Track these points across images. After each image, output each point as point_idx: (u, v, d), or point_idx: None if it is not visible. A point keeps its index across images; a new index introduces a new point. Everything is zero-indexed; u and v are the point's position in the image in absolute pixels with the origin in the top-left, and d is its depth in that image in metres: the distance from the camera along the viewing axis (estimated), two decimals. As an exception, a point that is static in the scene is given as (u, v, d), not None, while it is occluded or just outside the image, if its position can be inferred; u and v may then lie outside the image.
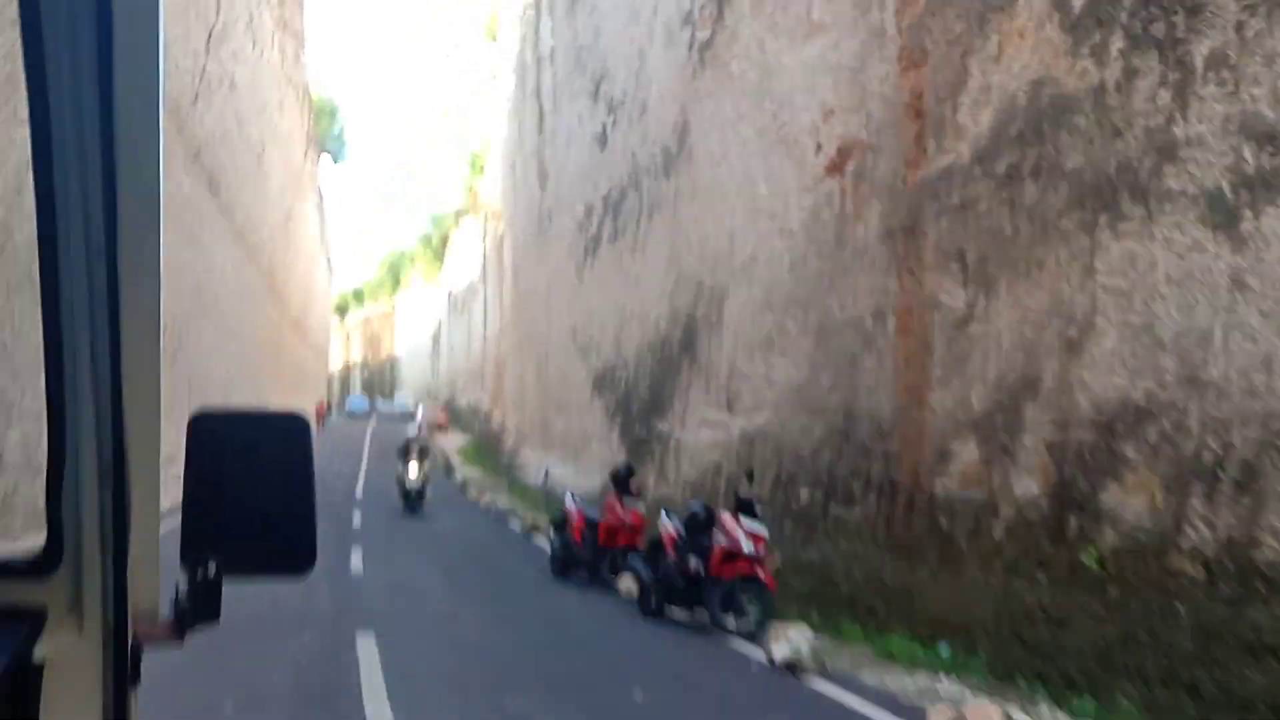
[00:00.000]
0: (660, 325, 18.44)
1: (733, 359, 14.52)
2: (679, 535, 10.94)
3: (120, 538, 1.26)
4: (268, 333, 37.50)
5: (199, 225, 22.82)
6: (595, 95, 24.02)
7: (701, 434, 15.63)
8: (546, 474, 29.40)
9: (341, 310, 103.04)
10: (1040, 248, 8.62)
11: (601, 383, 22.52)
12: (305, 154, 44.10)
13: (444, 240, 74.09)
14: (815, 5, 12.28)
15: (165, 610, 1.34)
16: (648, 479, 18.24)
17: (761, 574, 9.99)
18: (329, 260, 68.23)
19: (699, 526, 10.75)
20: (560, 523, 14.19)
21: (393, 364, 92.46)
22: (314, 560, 1.44)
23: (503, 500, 26.11)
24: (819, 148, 12.30)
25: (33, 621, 1.22)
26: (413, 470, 21.99)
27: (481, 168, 59.93)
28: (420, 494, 22.05)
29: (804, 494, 11.98)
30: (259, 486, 1.39)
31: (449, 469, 35.01)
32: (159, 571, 1.33)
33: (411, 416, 69.63)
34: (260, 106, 31.43)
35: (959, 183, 9.67)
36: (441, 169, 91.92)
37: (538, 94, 31.15)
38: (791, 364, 12.70)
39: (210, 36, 22.61)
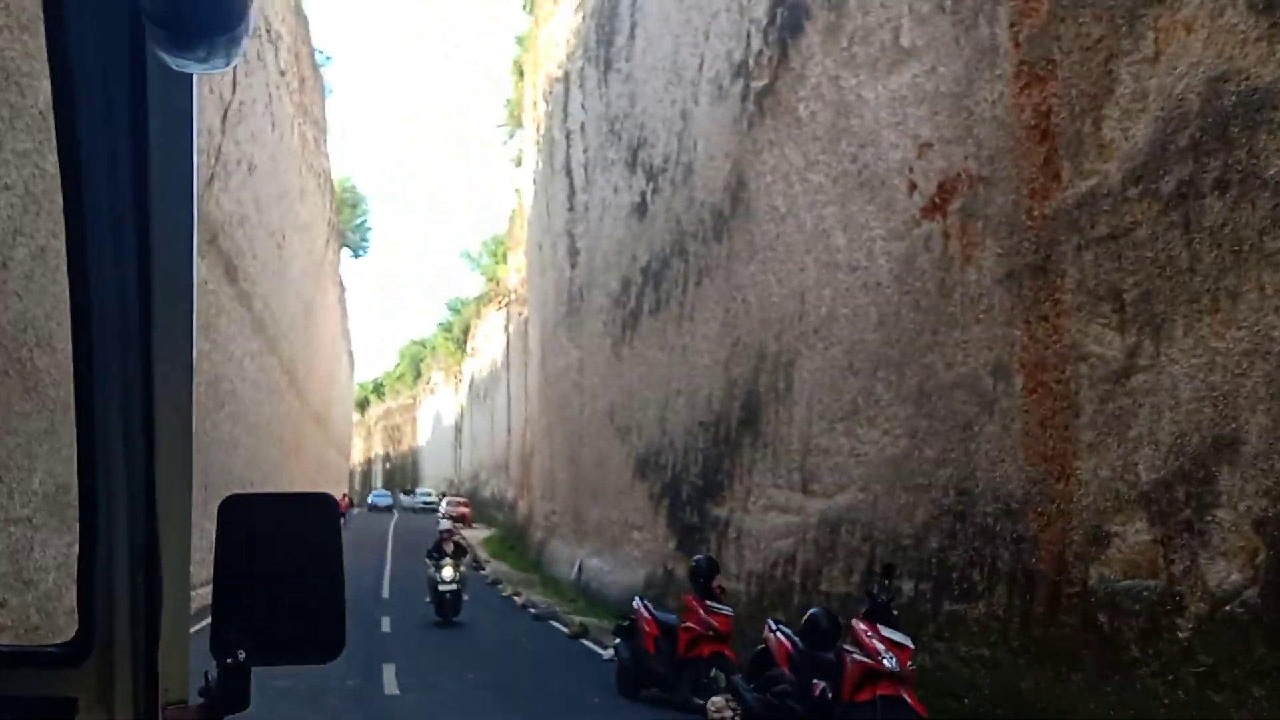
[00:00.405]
0: (714, 400, 16.74)
1: (806, 433, 12.78)
2: (794, 648, 9.01)
3: (151, 626, 1.27)
4: (288, 427, 35.98)
5: (215, 313, 21.45)
6: (632, 164, 22.74)
7: (768, 519, 13.81)
8: (580, 567, 27.50)
9: (362, 405, 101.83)
10: (1233, 276, 6.94)
11: (645, 466, 20.75)
12: (327, 242, 43.13)
13: (465, 329, 73.02)
14: (904, 30, 10.82)
15: (194, 698, 1.34)
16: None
17: (908, 696, 7.99)
18: (350, 354, 67.07)
19: (821, 637, 8.84)
20: (627, 629, 12.03)
21: (414, 456, 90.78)
22: (343, 646, 1.40)
23: (540, 598, 24.10)
24: (913, 187, 10.74)
25: (63, 711, 1.22)
26: (447, 572, 18.78)
27: (503, 254, 59.03)
28: (457, 599, 18.78)
29: (906, 587, 10.12)
30: (288, 570, 1.38)
31: (477, 563, 33.05)
32: (189, 659, 1.36)
33: (434, 509, 67.78)
34: (280, 192, 30.38)
35: (1107, 209, 8.04)
36: (461, 258, 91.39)
37: (567, 170, 30.00)
38: (884, 434, 10.95)
39: (225, 115, 21.52)
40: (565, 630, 18.43)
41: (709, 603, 10.70)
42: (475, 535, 45.70)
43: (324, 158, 40.46)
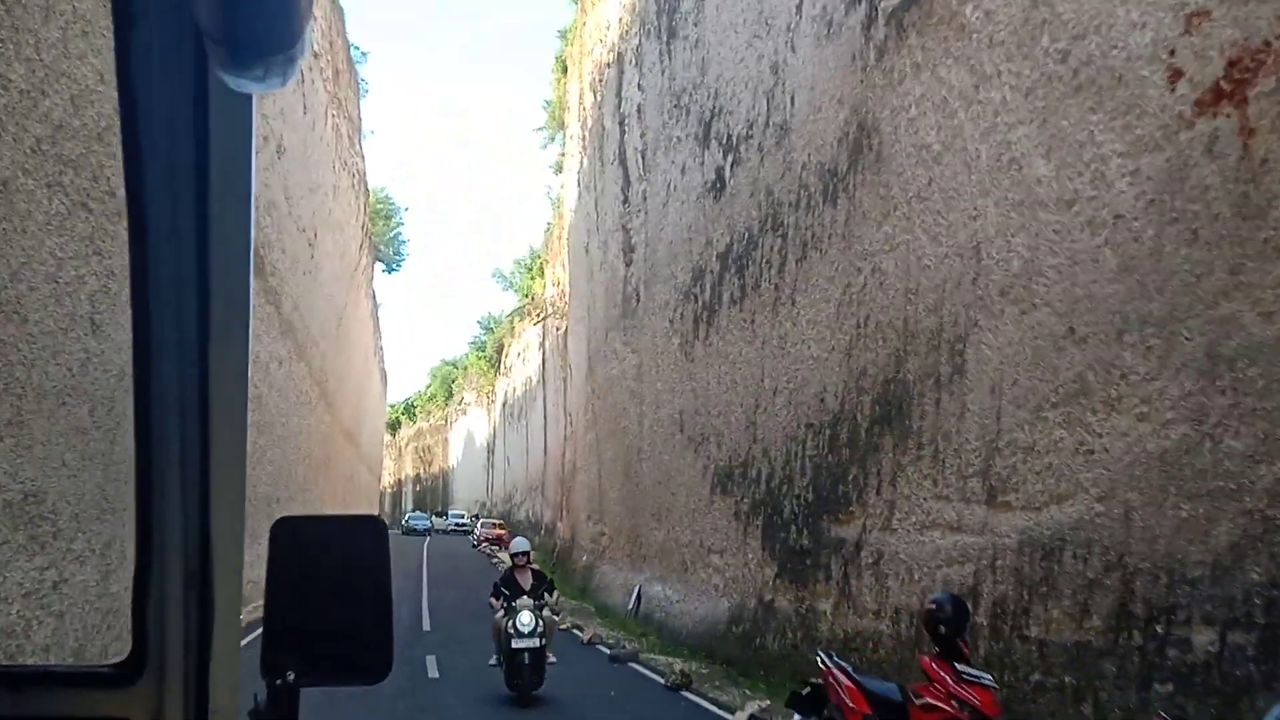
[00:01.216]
0: (829, 396, 13.54)
1: (991, 427, 9.56)
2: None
3: (203, 647, 1.26)
4: (317, 441, 32.99)
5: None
6: (704, 139, 19.68)
7: (927, 540, 10.57)
8: (638, 596, 24.26)
9: (393, 427, 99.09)
10: None
11: (727, 480, 17.56)
12: (361, 248, 40.27)
13: (498, 348, 70.15)
14: None
15: (243, 718, 1.33)
16: (818, 604, 13.12)
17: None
18: (383, 371, 64.23)
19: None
20: (810, 698, 8.04)
21: (445, 478, 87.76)
22: (389, 668, 1.40)
23: (603, 630, 20.81)
24: (1176, 77, 7.57)
25: None
26: (525, 618, 12.23)
27: (539, 268, 56.15)
28: (539, 662, 12.31)
29: (1202, 638, 6.88)
30: (338, 591, 1.38)
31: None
32: (239, 679, 1.32)
33: (467, 531, 64.61)
34: (313, 185, 27.53)
35: None
36: (493, 278, 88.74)
37: (620, 159, 27.00)
38: (1140, 421, 7.72)
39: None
40: (659, 679, 14.91)
41: (960, 667, 6.81)
42: (514, 559, 42.49)
43: (359, 158, 37.65)
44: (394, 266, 54.25)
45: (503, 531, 49.79)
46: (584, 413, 34.43)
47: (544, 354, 54.75)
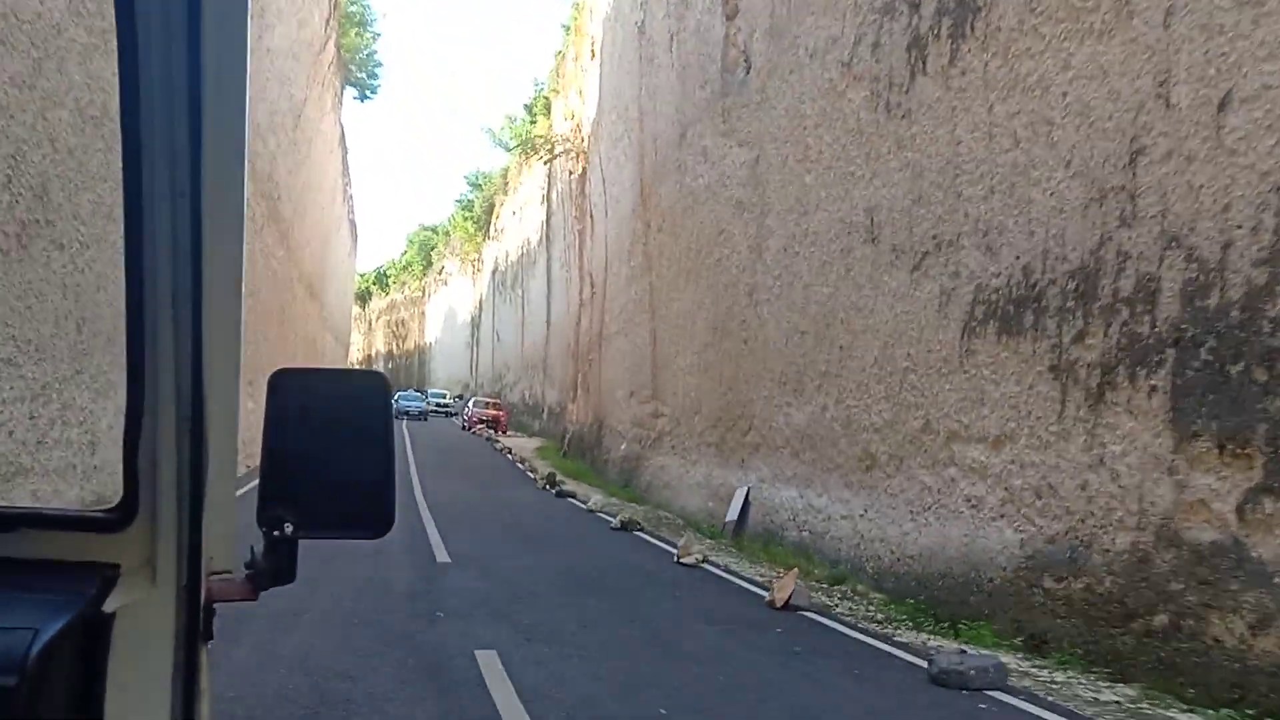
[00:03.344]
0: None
1: None
2: None
3: (196, 494, 1.24)
4: (266, 279, 24.45)
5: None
6: None
7: None
8: (745, 501, 16.40)
9: (363, 298, 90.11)
10: None
11: (1021, 311, 9.35)
12: (327, 27, 30.93)
13: (488, 208, 61.12)
14: None
15: (240, 568, 1.30)
16: None
17: None
18: (352, 224, 55.08)
19: None
20: None
21: (421, 355, 79.36)
22: (392, 523, 1.36)
23: (725, 560, 12.94)
24: None
25: (106, 575, 1.19)
26: None
27: (545, 106, 46.93)
28: None
29: None
30: (337, 445, 1.34)
31: (554, 483, 21.80)
32: (234, 529, 1.31)
33: (451, 413, 56.59)
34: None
35: None
36: (482, 134, 78.81)
37: None
38: None
39: None
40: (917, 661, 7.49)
41: None
42: (520, 445, 34.48)
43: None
44: (367, 93, 44.77)
45: (499, 413, 41.83)
46: (626, 261, 26.04)
47: (548, 208, 45.99)
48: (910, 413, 11.11)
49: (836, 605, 10.07)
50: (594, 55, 33.21)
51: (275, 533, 1.30)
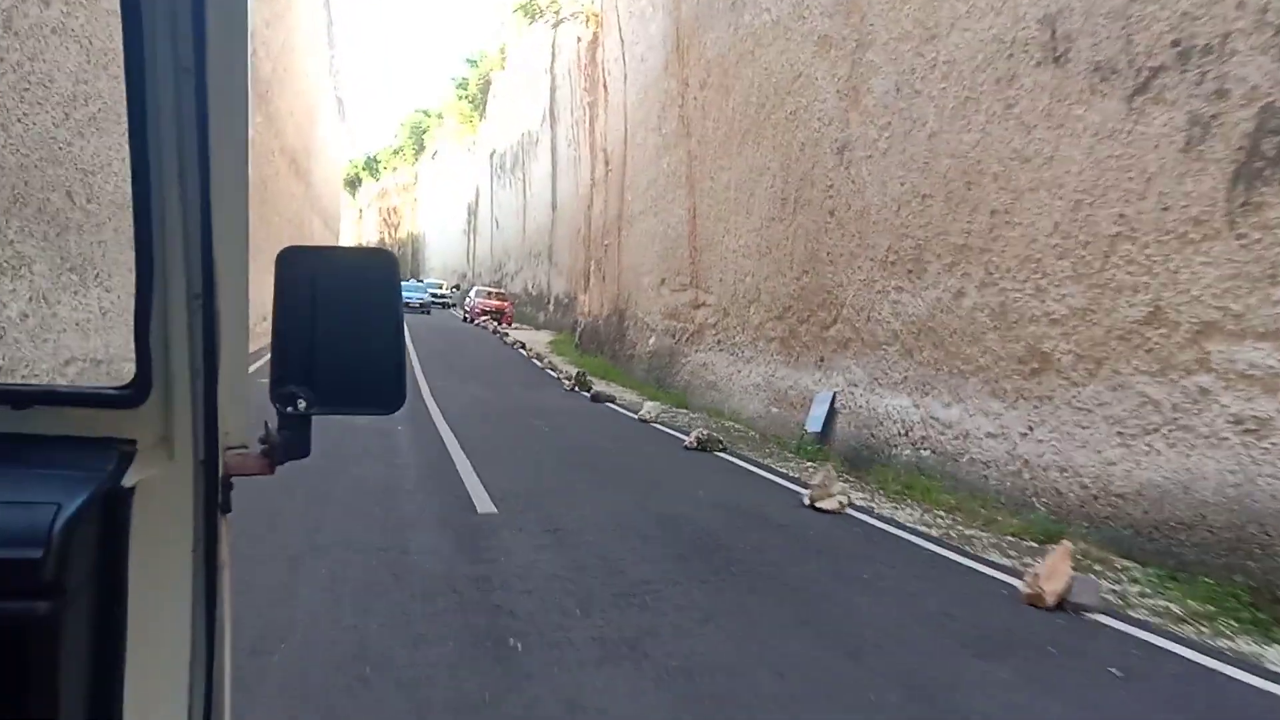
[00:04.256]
0: None
1: None
2: None
3: (210, 369, 1.23)
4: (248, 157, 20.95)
5: None
6: None
7: None
8: (831, 409, 13.43)
9: (352, 184, 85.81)
10: None
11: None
12: None
13: (485, 86, 56.80)
14: None
15: (255, 444, 1.30)
16: None
17: None
18: (340, 100, 50.84)
19: None
20: None
21: (415, 244, 75.55)
22: (403, 398, 1.36)
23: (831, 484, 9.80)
24: None
25: (123, 450, 1.19)
26: None
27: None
28: None
29: None
30: (347, 322, 1.33)
31: (586, 385, 18.71)
32: (248, 405, 1.30)
33: (448, 305, 53.26)
34: None
35: None
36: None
37: None
38: None
39: None
40: None
41: None
42: (531, 339, 31.36)
43: None
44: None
45: (504, 303, 38.62)
46: (656, 130, 22.54)
47: (552, 82, 42.00)
48: (1122, 297, 7.98)
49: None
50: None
51: (289, 409, 1.27)
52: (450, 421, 12.52)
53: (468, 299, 42.22)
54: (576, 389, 18.20)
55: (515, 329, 36.27)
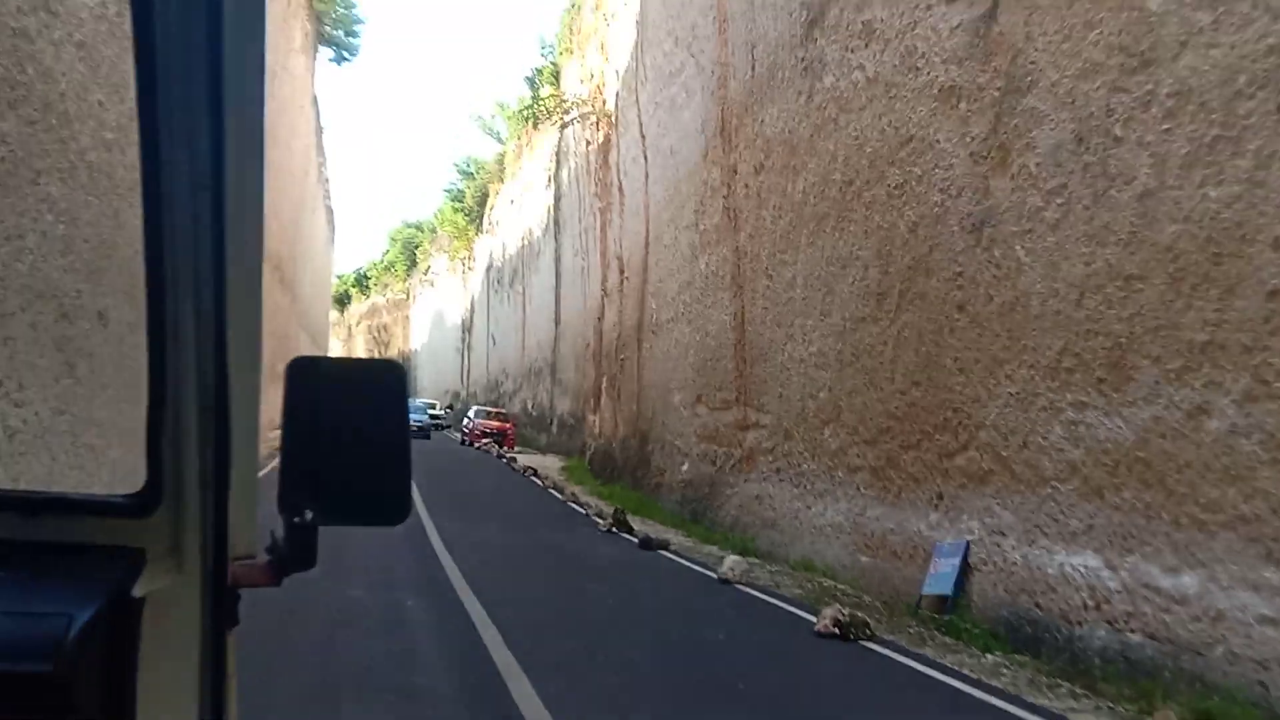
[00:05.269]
0: None
1: None
2: None
3: (220, 479, 1.22)
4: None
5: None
6: None
7: None
8: (963, 562, 10.13)
9: (342, 302, 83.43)
10: None
11: None
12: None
13: (481, 198, 54.84)
14: None
15: (262, 554, 1.29)
16: None
17: None
18: (329, 209, 48.49)
19: None
20: None
21: (407, 363, 72.79)
22: (408, 511, 1.34)
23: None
24: None
25: (132, 560, 1.16)
26: None
27: (553, 74, 40.83)
28: None
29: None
30: (354, 432, 1.32)
31: (624, 523, 15.33)
32: (256, 514, 1.29)
33: (442, 425, 49.90)
34: None
35: None
36: (472, 122, 73.13)
37: None
38: None
39: None
40: None
41: None
42: (540, 464, 28.04)
43: None
44: (347, 55, 38.30)
45: (505, 424, 35.42)
46: (692, 227, 19.88)
47: (557, 189, 39.80)
48: None
49: None
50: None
51: (296, 519, 1.26)
52: (474, 585, 9.14)
53: (466, 420, 38.99)
54: (614, 529, 14.91)
55: (519, 452, 33.03)
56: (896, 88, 11.47)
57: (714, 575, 11.25)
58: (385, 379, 1.37)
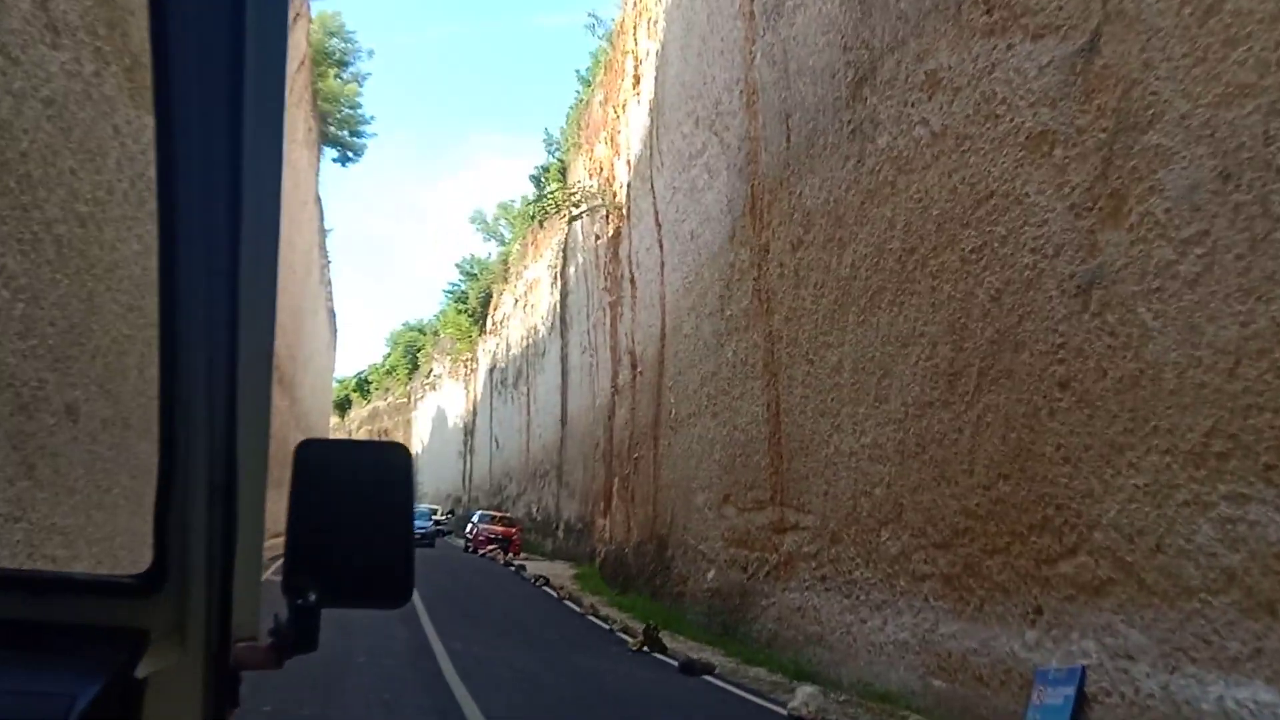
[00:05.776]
0: None
1: None
2: None
3: (226, 561, 1.22)
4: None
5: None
6: None
7: None
8: (1079, 694, 8.31)
9: (342, 406, 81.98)
10: None
11: None
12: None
13: (484, 299, 53.82)
14: None
15: (264, 635, 1.28)
16: None
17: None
18: (331, 311, 47.36)
19: None
20: None
21: (406, 467, 71.02)
22: (410, 594, 1.32)
23: None
24: None
25: (136, 640, 1.16)
26: None
27: (560, 171, 40.13)
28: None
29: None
30: (359, 515, 1.31)
31: (655, 642, 13.41)
32: (259, 596, 1.29)
33: (443, 532, 47.80)
34: None
35: None
36: (470, 224, 72.91)
37: None
38: None
39: None
40: None
41: None
42: (550, 571, 26.06)
43: None
44: (351, 156, 37.52)
45: (511, 529, 33.56)
46: (718, 314, 18.47)
47: (563, 286, 38.66)
48: None
49: None
50: (638, 76, 26.29)
51: (299, 601, 1.25)
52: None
53: (470, 525, 37.05)
54: (646, 648, 13.03)
55: (525, 559, 31.07)
56: (970, 140, 10.10)
57: (781, 710, 9.37)
58: (391, 462, 1.35)
